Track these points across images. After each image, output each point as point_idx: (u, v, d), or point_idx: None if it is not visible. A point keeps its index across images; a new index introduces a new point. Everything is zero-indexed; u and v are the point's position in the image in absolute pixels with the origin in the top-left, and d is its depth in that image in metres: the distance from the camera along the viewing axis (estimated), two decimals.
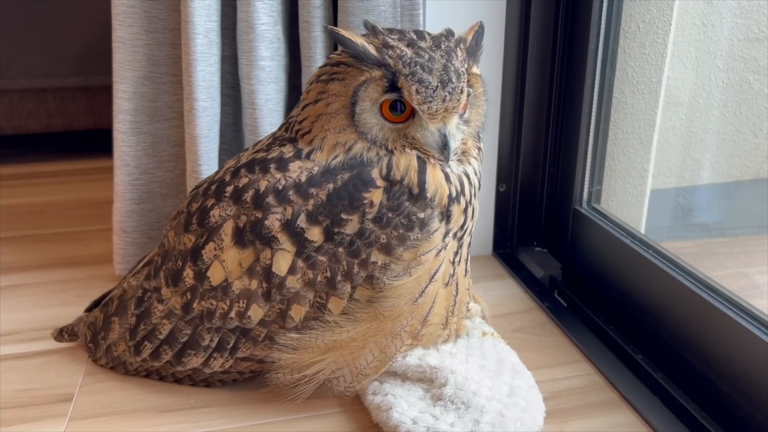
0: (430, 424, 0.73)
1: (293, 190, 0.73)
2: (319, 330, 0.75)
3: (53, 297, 1.12)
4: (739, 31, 1.22)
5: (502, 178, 1.23)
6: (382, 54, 0.71)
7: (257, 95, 1.04)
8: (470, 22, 0.79)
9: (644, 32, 1.14)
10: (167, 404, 0.84)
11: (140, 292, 0.84)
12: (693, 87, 1.26)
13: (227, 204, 0.76)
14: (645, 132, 1.20)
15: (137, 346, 0.83)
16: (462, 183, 0.76)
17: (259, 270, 0.74)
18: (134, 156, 1.11)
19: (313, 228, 0.72)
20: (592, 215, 1.09)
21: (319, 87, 0.75)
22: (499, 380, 0.79)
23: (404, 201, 0.72)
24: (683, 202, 1.39)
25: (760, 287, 1.18)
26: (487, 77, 1.14)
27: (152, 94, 1.10)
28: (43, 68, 1.89)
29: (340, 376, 0.79)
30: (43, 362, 0.93)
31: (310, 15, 1.01)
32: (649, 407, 0.83)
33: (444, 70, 0.71)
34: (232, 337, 0.78)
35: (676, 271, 0.88)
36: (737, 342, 0.77)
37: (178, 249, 0.80)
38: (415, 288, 0.74)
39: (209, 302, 0.77)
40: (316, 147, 0.75)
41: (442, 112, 0.72)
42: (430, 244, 0.74)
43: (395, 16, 1.00)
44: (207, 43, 1.01)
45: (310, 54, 1.03)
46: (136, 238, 1.14)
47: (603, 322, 1.00)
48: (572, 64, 1.11)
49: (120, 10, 1.04)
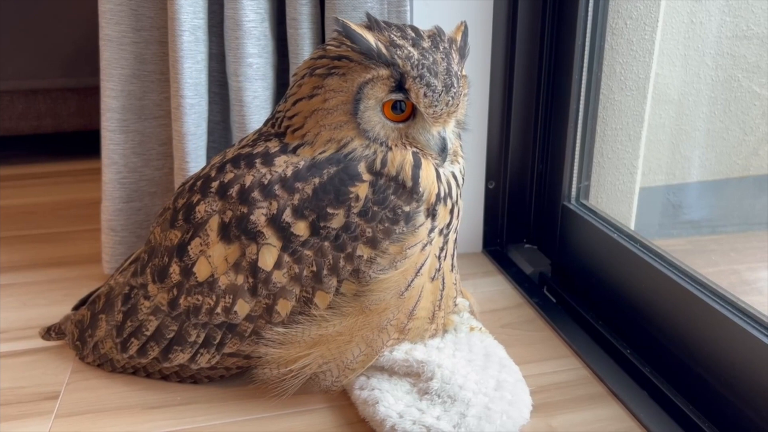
0: (416, 417, 0.73)
1: (279, 185, 0.73)
2: (305, 324, 0.75)
3: (41, 296, 1.12)
4: (727, 29, 1.22)
5: (491, 175, 1.23)
6: (391, 53, 0.70)
7: (245, 92, 1.04)
8: (457, 19, 0.79)
9: (631, 29, 1.14)
10: (154, 401, 0.84)
11: (127, 289, 0.84)
12: (681, 84, 1.27)
13: (213, 199, 0.76)
14: (633, 129, 1.20)
15: (124, 342, 0.83)
16: (450, 184, 0.77)
17: (245, 265, 0.74)
18: (122, 154, 1.11)
19: (299, 222, 0.72)
20: (581, 211, 1.09)
21: (315, 81, 0.74)
22: (485, 374, 0.79)
23: (390, 195, 0.72)
24: (673, 200, 1.39)
25: (751, 284, 1.19)
26: (476, 74, 1.15)
27: (140, 92, 1.10)
28: (34, 69, 1.89)
29: (327, 371, 0.78)
30: (30, 361, 0.93)
31: (297, 12, 1.01)
32: (637, 401, 0.83)
33: (447, 74, 0.71)
34: (219, 333, 0.78)
35: (664, 265, 0.88)
36: (724, 336, 0.77)
37: (164, 245, 0.80)
38: (401, 282, 0.74)
39: (195, 298, 0.77)
40: (306, 142, 0.75)
41: (444, 115, 0.73)
42: (415, 238, 0.74)
43: (382, 13, 1.00)
44: (194, 41, 1.01)
45: (298, 51, 1.03)
46: (125, 236, 1.14)
47: (592, 318, 1.00)
48: (559, 61, 1.12)
49: (107, 8, 1.04)
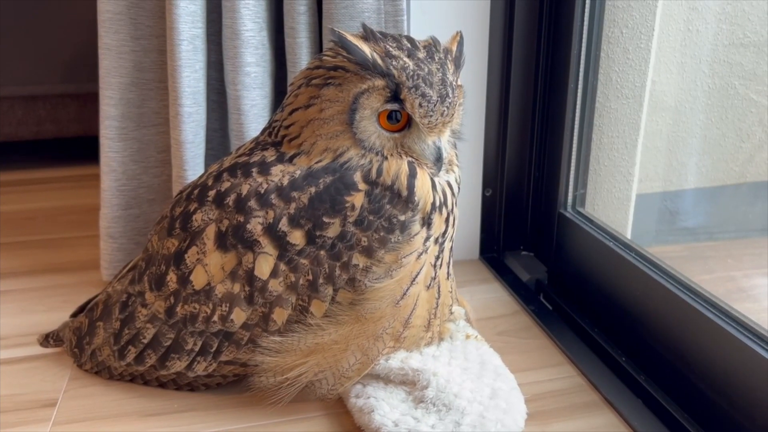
0: (411, 426, 0.73)
1: (275, 194, 0.73)
2: (301, 333, 0.76)
3: (40, 303, 1.12)
4: (724, 36, 1.23)
5: (488, 182, 1.24)
6: (386, 64, 0.71)
7: (243, 101, 1.05)
8: (454, 28, 0.80)
9: (627, 37, 1.15)
10: (151, 408, 0.84)
11: (124, 296, 0.84)
12: (678, 92, 1.27)
13: (209, 208, 0.76)
14: (630, 136, 1.21)
15: (121, 350, 0.83)
16: (445, 193, 0.77)
17: (242, 274, 0.74)
18: (121, 162, 1.11)
19: (295, 231, 0.73)
20: (577, 219, 1.09)
21: (311, 91, 0.75)
22: (481, 382, 0.80)
23: (385, 204, 0.73)
24: (670, 206, 1.39)
25: (747, 291, 1.19)
26: (472, 83, 1.16)
27: (139, 101, 1.10)
28: (34, 75, 1.90)
29: (323, 379, 0.79)
30: (28, 368, 0.93)
31: (295, 21, 1.02)
32: (632, 409, 0.83)
33: (442, 84, 0.72)
34: (215, 341, 0.79)
35: (660, 274, 0.89)
36: (719, 344, 0.77)
37: (161, 253, 0.80)
38: (396, 290, 0.75)
39: (192, 306, 0.78)
40: (302, 151, 0.75)
41: (440, 125, 0.73)
42: (411, 247, 0.74)
43: (379, 22, 1.00)
44: (192, 50, 1.02)
45: (296, 60, 1.03)
46: (123, 243, 1.15)
47: (587, 325, 1.00)
48: (556, 68, 1.12)
49: (106, 17, 1.04)
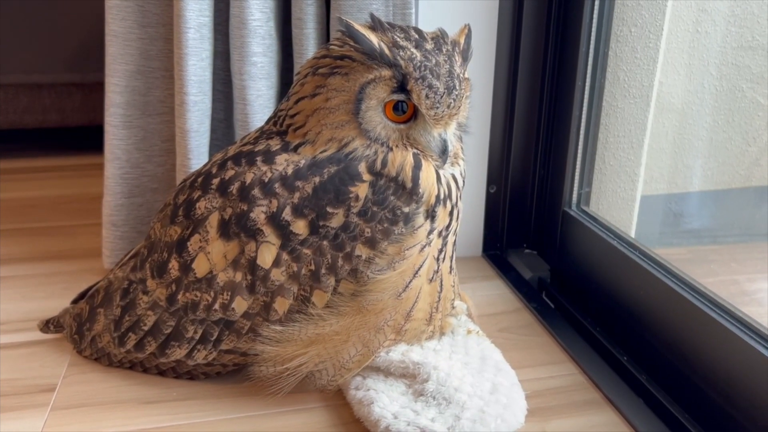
0: (410, 419, 0.73)
1: (279, 183, 0.73)
2: (302, 323, 0.76)
3: (41, 289, 1.12)
4: (733, 39, 1.22)
5: (493, 179, 1.24)
6: (393, 54, 0.70)
7: (248, 91, 1.04)
8: (462, 22, 0.79)
9: (636, 36, 1.14)
10: (150, 396, 0.84)
11: (126, 283, 0.84)
12: (685, 93, 1.27)
13: (213, 196, 0.76)
14: (636, 136, 1.20)
15: (121, 337, 0.83)
16: (450, 187, 0.77)
17: (244, 262, 0.74)
18: (125, 150, 1.11)
19: (299, 221, 0.72)
20: (581, 217, 1.09)
21: (317, 80, 0.74)
22: (481, 377, 0.79)
23: (389, 195, 0.72)
24: (674, 208, 1.39)
25: (750, 294, 1.18)
26: (479, 78, 1.16)
27: (144, 89, 1.10)
28: (39, 64, 1.89)
29: (323, 370, 0.79)
30: (27, 353, 0.93)
31: (302, 12, 1.01)
32: (632, 408, 0.83)
33: (449, 76, 0.71)
34: (216, 330, 0.78)
35: (663, 274, 0.88)
36: (721, 345, 0.77)
37: (164, 241, 0.80)
38: (398, 282, 0.74)
39: (194, 294, 0.77)
40: (307, 141, 0.75)
41: (446, 117, 0.73)
42: (414, 239, 0.74)
43: (387, 15, 1.00)
44: (199, 38, 1.02)
45: (303, 51, 1.03)
46: (126, 231, 1.14)
47: (589, 324, 1.00)
48: (563, 66, 1.12)
49: (113, 4, 1.04)
